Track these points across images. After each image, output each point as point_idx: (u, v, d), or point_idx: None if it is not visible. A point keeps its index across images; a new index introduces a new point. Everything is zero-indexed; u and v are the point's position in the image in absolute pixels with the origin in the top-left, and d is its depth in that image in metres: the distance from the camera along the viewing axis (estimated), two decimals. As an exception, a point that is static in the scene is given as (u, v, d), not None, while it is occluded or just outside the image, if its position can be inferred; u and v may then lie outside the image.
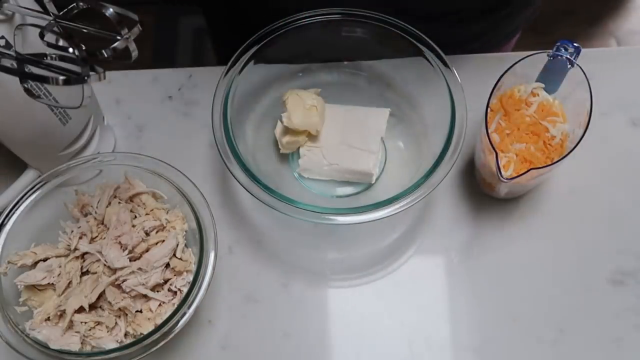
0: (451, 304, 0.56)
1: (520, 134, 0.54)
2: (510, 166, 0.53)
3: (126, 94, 0.66)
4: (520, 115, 0.55)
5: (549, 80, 0.55)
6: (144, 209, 0.54)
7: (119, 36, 0.37)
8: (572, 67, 0.52)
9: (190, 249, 0.53)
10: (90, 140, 0.58)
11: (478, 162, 0.58)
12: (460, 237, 0.58)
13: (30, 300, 0.51)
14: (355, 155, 0.58)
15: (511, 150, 0.54)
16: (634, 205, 0.59)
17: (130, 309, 0.50)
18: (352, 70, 0.63)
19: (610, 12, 1.62)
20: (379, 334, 0.55)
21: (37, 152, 0.54)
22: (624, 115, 0.63)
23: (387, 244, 0.59)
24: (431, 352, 0.54)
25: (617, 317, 0.55)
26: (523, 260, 0.57)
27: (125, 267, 0.50)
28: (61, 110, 0.51)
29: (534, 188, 0.60)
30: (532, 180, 0.55)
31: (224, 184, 0.61)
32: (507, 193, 0.58)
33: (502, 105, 0.55)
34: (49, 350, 0.47)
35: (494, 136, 0.54)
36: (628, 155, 0.61)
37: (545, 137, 0.54)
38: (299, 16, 0.58)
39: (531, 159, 0.53)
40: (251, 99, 0.60)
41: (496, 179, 0.52)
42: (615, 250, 0.57)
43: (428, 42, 0.57)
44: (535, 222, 0.59)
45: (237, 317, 0.56)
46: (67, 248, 0.52)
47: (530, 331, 0.55)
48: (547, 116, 0.55)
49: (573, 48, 0.53)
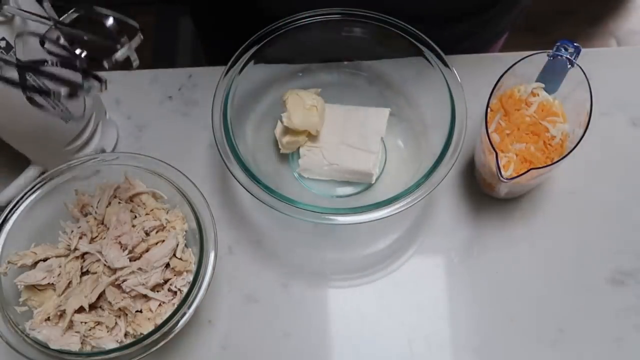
0: (451, 304, 0.56)
1: (520, 134, 0.54)
2: (510, 166, 0.53)
3: (126, 94, 0.66)
4: (520, 115, 0.55)
5: (549, 80, 0.55)
6: (144, 209, 0.54)
7: (119, 45, 0.37)
8: (572, 67, 0.52)
9: (190, 249, 0.53)
10: (93, 135, 0.58)
11: (478, 162, 0.58)
12: (460, 237, 0.58)
13: (30, 300, 0.51)
14: (355, 155, 0.58)
15: (511, 150, 0.54)
16: (634, 205, 0.59)
17: (130, 309, 0.50)
18: (352, 70, 0.63)
19: (610, 12, 1.62)
20: (379, 334, 0.55)
21: (39, 147, 0.54)
22: (624, 115, 0.63)
23: (387, 244, 0.59)
24: (431, 352, 0.54)
25: (617, 317, 0.55)
26: (523, 260, 0.57)
27: (125, 267, 0.50)
28: (64, 108, 0.51)
29: (534, 188, 0.60)
30: (532, 180, 0.55)
31: (224, 184, 0.61)
32: (507, 193, 0.58)
33: (502, 105, 0.55)
34: (49, 350, 0.47)
35: (494, 136, 0.54)
36: (628, 155, 0.61)
37: (545, 137, 0.54)
38: (299, 16, 0.58)
39: (531, 159, 0.53)
40: (251, 99, 0.60)
41: (496, 179, 0.52)
42: (615, 250, 0.57)
43: (428, 42, 0.57)
44: (535, 222, 0.59)
45: (237, 317, 0.56)
46: (67, 248, 0.52)
47: (530, 331, 0.55)
48: (547, 116, 0.55)
49: (573, 48, 0.53)
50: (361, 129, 0.59)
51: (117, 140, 0.62)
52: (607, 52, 0.66)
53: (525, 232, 0.58)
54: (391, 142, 0.61)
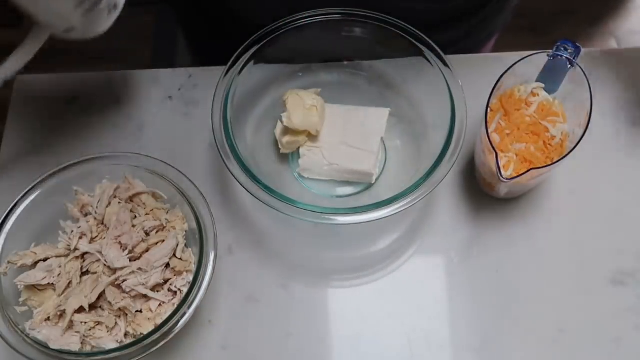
0: (451, 304, 0.56)
1: (520, 133, 0.54)
2: (510, 166, 0.53)
3: (126, 94, 0.66)
4: (520, 115, 0.55)
5: (549, 80, 0.55)
6: (144, 209, 0.54)
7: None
8: (572, 67, 0.52)
9: (190, 249, 0.53)
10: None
11: (478, 162, 0.58)
12: (460, 237, 0.58)
13: (30, 300, 0.51)
14: (355, 155, 0.58)
15: (511, 150, 0.54)
16: (634, 205, 0.59)
17: (130, 309, 0.50)
18: (352, 70, 0.63)
19: (610, 12, 1.62)
20: (379, 334, 0.55)
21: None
22: (624, 115, 0.63)
23: (387, 244, 0.59)
24: (431, 352, 0.54)
25: (617, 317, 0.55)
26: (523, 260, 0.57)
27: (125, 267, 0.50)
28: None
29: (534, 188, 0.60)
30: (532, 180, 0.55)
31: (224, 184, 0.61)
32: (507, 193, 0.58)
33: (502, 105, 0.55)
34: (49, 350, 0.47)
35: (494, 136, 0.54)
36: (628, 155, 0.61)
37: (545, 137, 0.54)
38: (298, 16, 0.58)
39: (531, 159, 0.53)
40: (251, 99, 0.60)
41: (496, 179, 0.52)
42: (615, 250, 0.57)
43: (428, 42, 0.57)
44: (535, 222, 0.59)
45: (237, 317, 0.56)
46: (67, 248, 0.52)
47: (530, 331, 0.55)
48: (547, 116, 0.55)
49: (573, 48, 0.53)
50: (361, 129, 0.59)
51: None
52: (607, 52, 0.66)
53: (525, 232, 0.58)
54: (391, 142, 0.61)
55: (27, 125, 0.64)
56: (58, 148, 0.62)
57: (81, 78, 0.66)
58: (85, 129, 0.64)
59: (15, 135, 0.63)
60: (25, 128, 0.64)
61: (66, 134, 0.63)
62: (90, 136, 0.63)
